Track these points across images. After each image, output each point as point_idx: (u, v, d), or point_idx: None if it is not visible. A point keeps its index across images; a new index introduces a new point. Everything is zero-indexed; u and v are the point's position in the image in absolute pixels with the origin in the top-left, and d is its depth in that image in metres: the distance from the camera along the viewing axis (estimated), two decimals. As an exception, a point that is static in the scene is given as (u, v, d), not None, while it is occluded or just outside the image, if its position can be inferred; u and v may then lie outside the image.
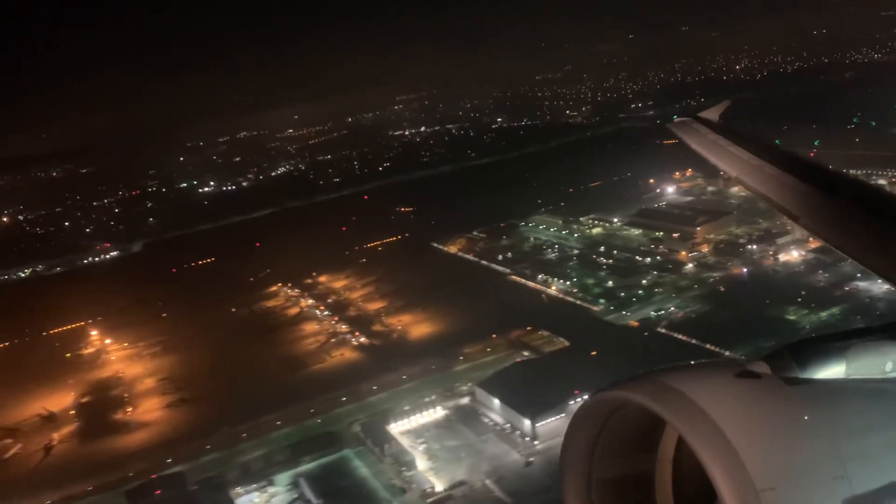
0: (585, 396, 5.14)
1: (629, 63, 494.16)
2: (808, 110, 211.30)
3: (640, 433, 5.20)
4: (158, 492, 69.03)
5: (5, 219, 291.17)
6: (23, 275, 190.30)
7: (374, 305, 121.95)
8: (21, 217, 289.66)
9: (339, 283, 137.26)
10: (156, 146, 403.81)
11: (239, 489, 71.83)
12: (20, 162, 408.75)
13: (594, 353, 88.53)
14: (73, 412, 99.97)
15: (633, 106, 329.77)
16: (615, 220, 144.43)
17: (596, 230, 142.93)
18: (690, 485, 5.13)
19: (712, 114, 19.59)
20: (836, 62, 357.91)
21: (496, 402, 78.49)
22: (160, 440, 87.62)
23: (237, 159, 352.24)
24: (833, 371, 4.87)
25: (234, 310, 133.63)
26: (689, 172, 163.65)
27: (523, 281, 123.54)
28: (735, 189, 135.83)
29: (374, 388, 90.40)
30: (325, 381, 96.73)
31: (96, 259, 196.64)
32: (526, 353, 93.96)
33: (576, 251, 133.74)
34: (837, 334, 5.19)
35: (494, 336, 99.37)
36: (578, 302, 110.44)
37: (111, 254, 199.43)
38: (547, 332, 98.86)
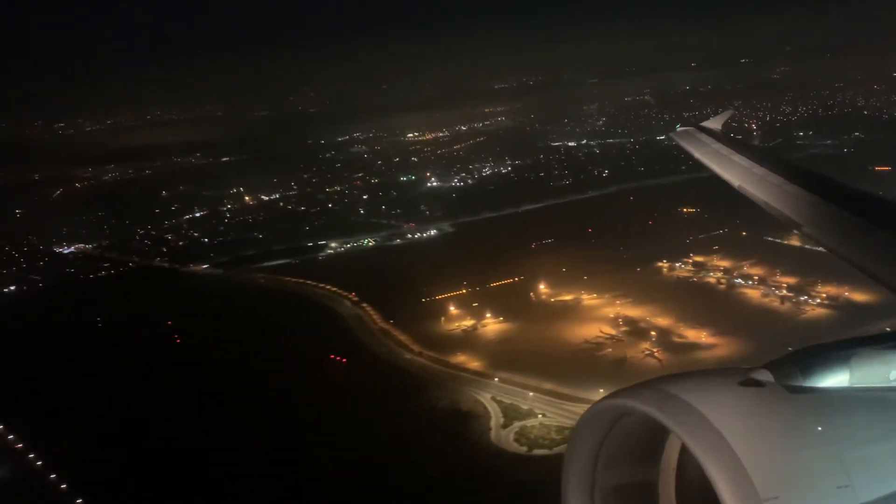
0: None
1: (717, 91, 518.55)
2: None
3: (644, 442, 5.49)
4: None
5: (248, 198, 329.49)
6: (369, 243, 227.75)
7: (786, 279, 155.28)
8: (265, 197, 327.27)
9: (724, 263, 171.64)
10: (283, 143, 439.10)
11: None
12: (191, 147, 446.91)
13: None
14: (626, 336, 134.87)
15: (797, 134, 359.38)
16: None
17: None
18: (694, 494, 5.35)
19: (715, 123, 20.90)
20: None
21: None
22: (746, 354, 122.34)
23: (414, 158, 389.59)
24: (837, 380, 5.12)
25: (639, 271, 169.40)
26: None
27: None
28: None
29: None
30: (825, 324, 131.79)
31: (423, 235, 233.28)
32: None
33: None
34: (841, 342, 5.53)
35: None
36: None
37: (430, 231, 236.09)
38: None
